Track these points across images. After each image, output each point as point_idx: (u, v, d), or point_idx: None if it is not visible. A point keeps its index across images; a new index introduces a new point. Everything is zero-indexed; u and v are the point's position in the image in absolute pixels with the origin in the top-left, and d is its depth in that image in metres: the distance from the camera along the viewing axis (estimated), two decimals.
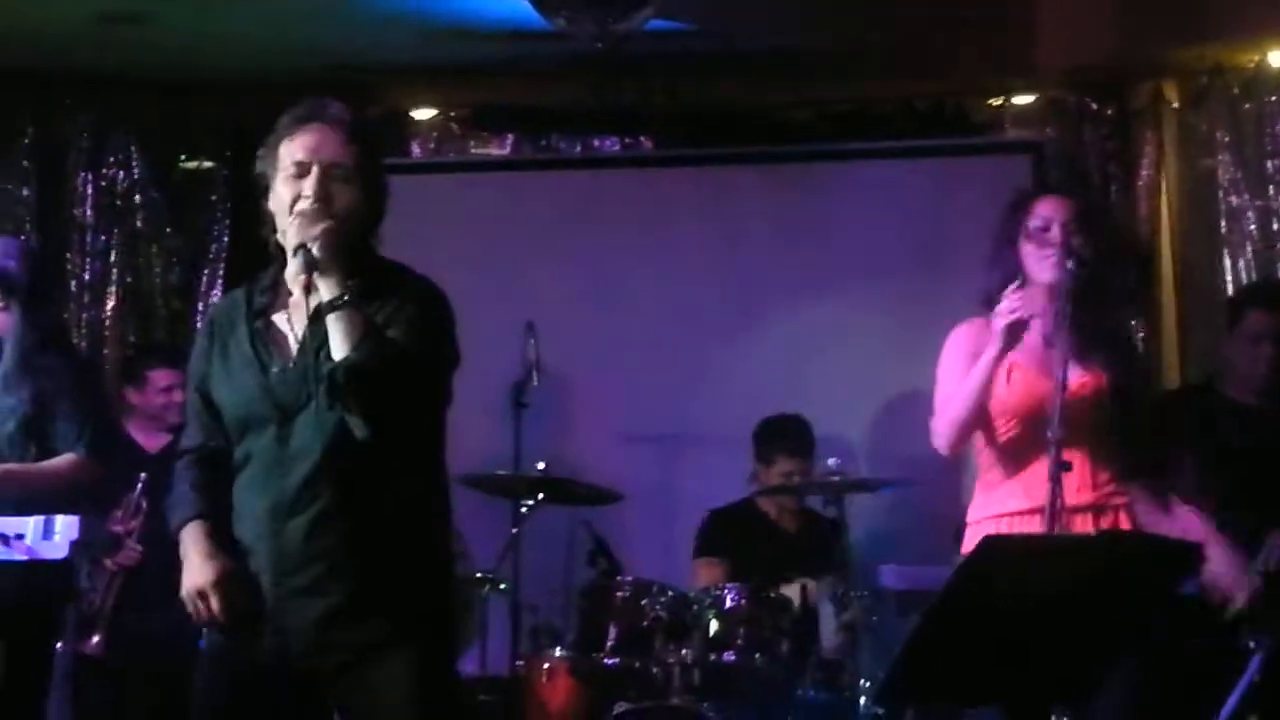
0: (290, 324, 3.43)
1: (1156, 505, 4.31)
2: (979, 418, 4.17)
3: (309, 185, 3.34)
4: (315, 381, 3.30)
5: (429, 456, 3.49)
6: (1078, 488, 4.06)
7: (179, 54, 7.05)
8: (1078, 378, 4.08)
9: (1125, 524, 4.12)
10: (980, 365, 4.11)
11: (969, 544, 4.04)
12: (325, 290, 3.28)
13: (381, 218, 3.47)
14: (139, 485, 5.69)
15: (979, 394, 4.13)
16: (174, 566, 3.44)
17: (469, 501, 5.76)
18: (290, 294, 3.42)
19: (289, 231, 3.32)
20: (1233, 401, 5.34)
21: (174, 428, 6.27)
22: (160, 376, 6.33)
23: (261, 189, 3.44)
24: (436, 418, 3.49)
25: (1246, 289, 6.63)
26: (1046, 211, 4.16)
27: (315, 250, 3.27)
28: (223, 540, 3.42)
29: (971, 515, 4.26)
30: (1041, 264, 4.15)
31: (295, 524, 3.33)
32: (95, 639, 5.58)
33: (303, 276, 3.28)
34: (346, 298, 3.26)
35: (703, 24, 6.66)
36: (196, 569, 3.39)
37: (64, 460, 4.49)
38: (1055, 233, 4.12)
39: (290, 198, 3.35)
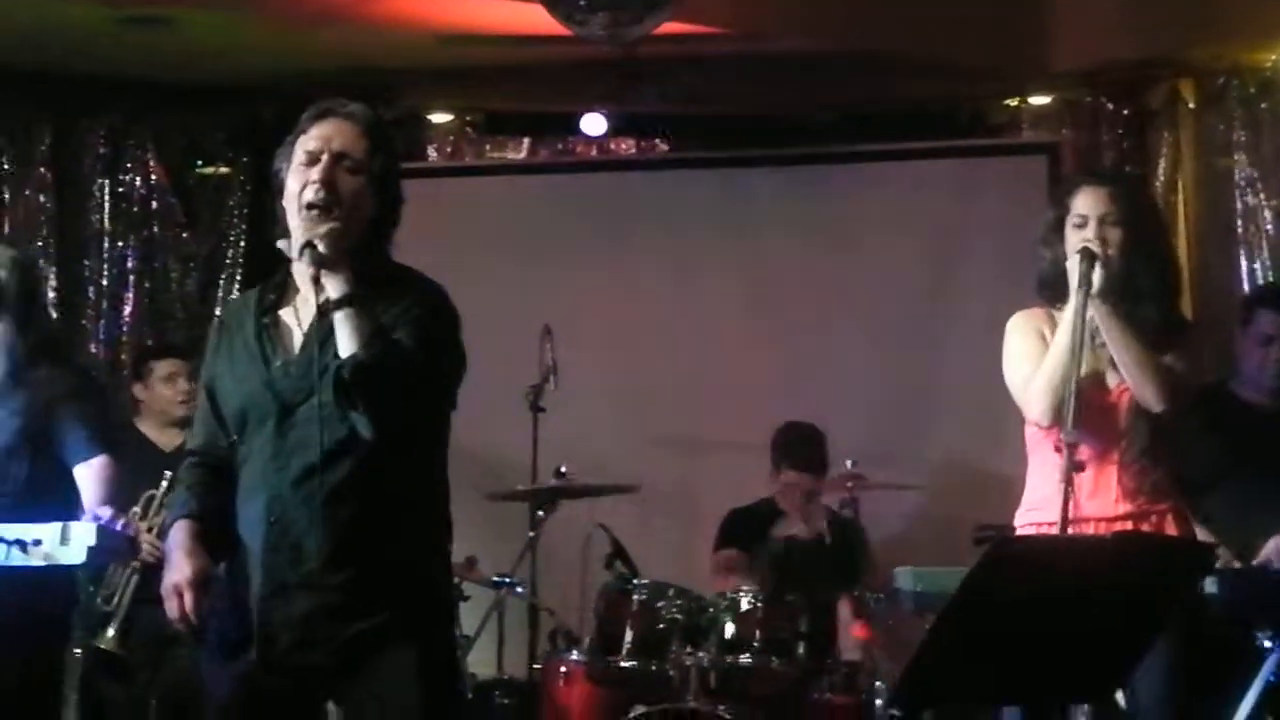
0: (297, 319, 3.44)
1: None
2: (1072, 379, 3.87)
3: (316, 171, 3.34)
4: (318, 376, 3.30)
5: (430, 456, 3.48)
6: (1115, 498, 4.00)
7: (196, 59, 7.07)
8: (1115, 383, 4.03)
9: (1170, 529, 4.04)
10: (1066, 318, 3.95)
11: None
12: (332, 288, 3.28)
13: (395, 222, 3.46)
14: (164, 483, 5.69)
15: (1069, 350, 3.89)
16: None
17: (485, 505, 5.78)
18: (298, 290, 3.43)
19: (297, 228, 3.33)
20: (1244, 401, 5.33)
21: (184, 422, 6.28)
22: (161, 366, 6.34)
23: (276, 187, 3.44)
24: (440, 420, 3.49)
25: (1257, 290, 6.63)
26: (1083, 206, 4.08)
27: (322, 247, 3.28)
28: (215, 540, 3.44)
29: (1019, 520, 4.18)
30: None
31: (292, 517, 3.34)
32: (111, 634, 5.60)
33: (310, 272, 3.29)
34: (353, 296, 3.27)
35: (720, 27, 6.66)
36: (176, 565, 3.40)
37: (94, 468, 4.50)
38: (1090, 229, 4.05)
39: (299, 186, 3.35)
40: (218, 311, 7.65)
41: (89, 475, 4.47)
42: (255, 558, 3.39)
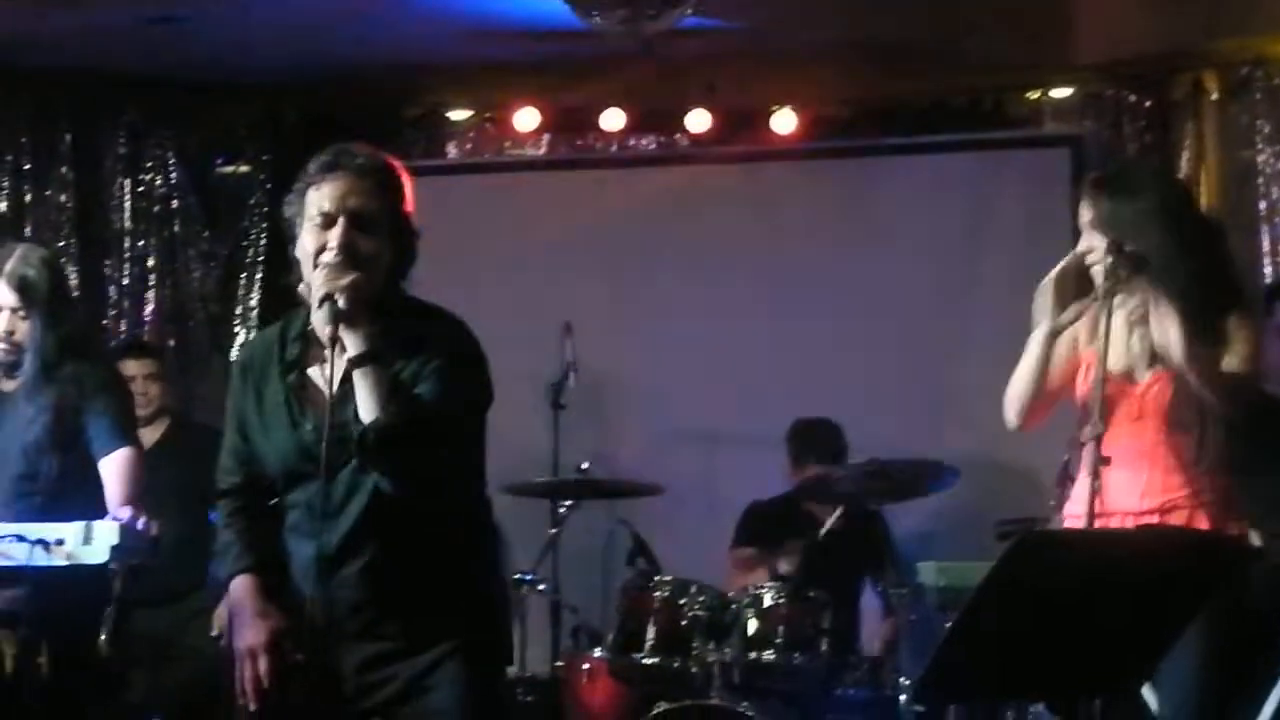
0: (325, 376, 3.36)
1: None
2: (1042, 399, 4.08)
3: (334, 237, 3.28)
4: (355, 439, 3.28)
5: (471, 495, 3.47)
6: (1142, 493, 3.97)
7: (216, 58, 7.08)
8: (1147, 376, 4.01)
9: (1202, 523, 4.01)
10: (1031, 341, 4.06)
11: None
12: (351, 345, 3.25)
13: (412, 261, 3.42)
14: None
15: (1034, 370, 4.05)
16: (172, 566, 3.44)
17: (507, 503, 5.76)
18: (321, 347, 3.37)
19: (315, 282, 3.28)
20: (1264, 394, 5.30)
21: (151, 421, 6.25)
22: (128, 366, 6.34)
23: (289, 235, 3.40)
24: (474, 455, 3.46)
25: (1276, 282, 6.59)
26: (1081, 207, 4.13)
27: (342, 302, 3.24)
28: (274, 590, 3.43)
29: (1069, 510, 4.16)
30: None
31: (343, 575, 3.32)
32: (102, 638, 5.60)
33: (328, 328, 3.25)
34: (372, 353, 3.24)
35: (740, 21, 6.65)
36: (249, 628, 3.38)
37: (116, 461, 4.52)
38: (1085, 225, 4.09)
39: (315, 248, 3.31)
40: (238, 310, 7.71)
41: (112, 468, 4.50)
42: (311, 604, 3.37)
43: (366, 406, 3.23)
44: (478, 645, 3.40)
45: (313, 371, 3.41)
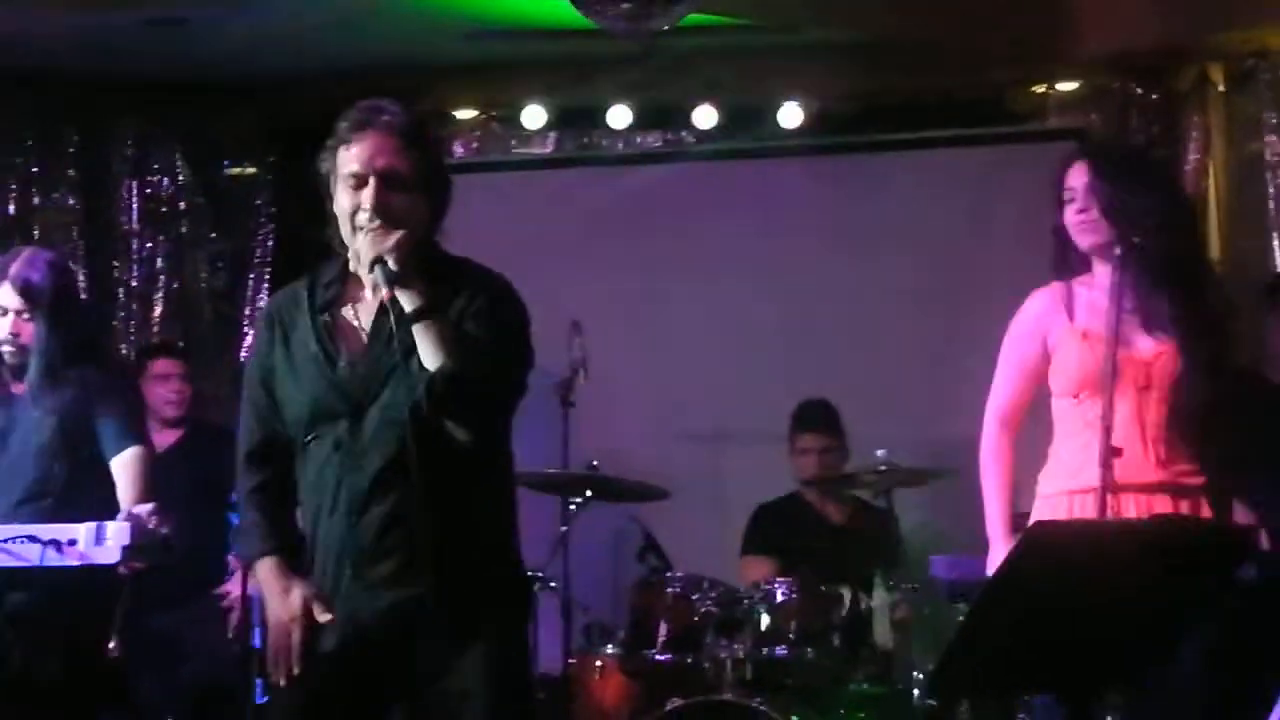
0: (358, 317, 3.44)
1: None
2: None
3: (367, 198, 3.33)
4: (387, 374, 3.33)
5: (501, 451, 3.51)
6: (1141, 466, 3.98)
7: (221, 59, 7.08)
8: (1151, 348, 4.03)
9: (1205, 511, 4.04)
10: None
11: (1038, 516, 4.04)
12: (407, 302, 3.30)
13: (444, 213, 3.48)
14: None
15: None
16: (187, 566, 3.44)
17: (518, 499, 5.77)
18: (357, 289, 3.44)
19: (361, 247, 3.33)
20: (1271, 385, 5.30)
21: (175, 423, 6.29)
22: (157, 365, 6.37)
23: (325, 191, 3.43)
24: (510, 414, 3.51)
25: None
26: (1071, 179, 4.14)
27: (392, 263, 3.29)
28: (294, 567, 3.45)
29: (1043, 487, 4.18)
30: (1076, 232, 4.12)
31: (370, 518, 3.34)
32: (112, 642, 5.61)
33: (384, 290, 3.29)
34: (430, 307, 3.30)
35: (745, 17, 6.65)
36: (279, 602, 3.40)
37: (126, 460, 4.52)
38: (1079, 200, 4.10)
39: (350, 208, 3.36)
40: (246, 310, 7.71)
41: (122, 468, 4.50)
42: (332, 551, 3.39)
43: (431, 356, 3.28)
44: (504, 619, 3.43)
45: (345, 311, 3.46)
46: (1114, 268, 3.98)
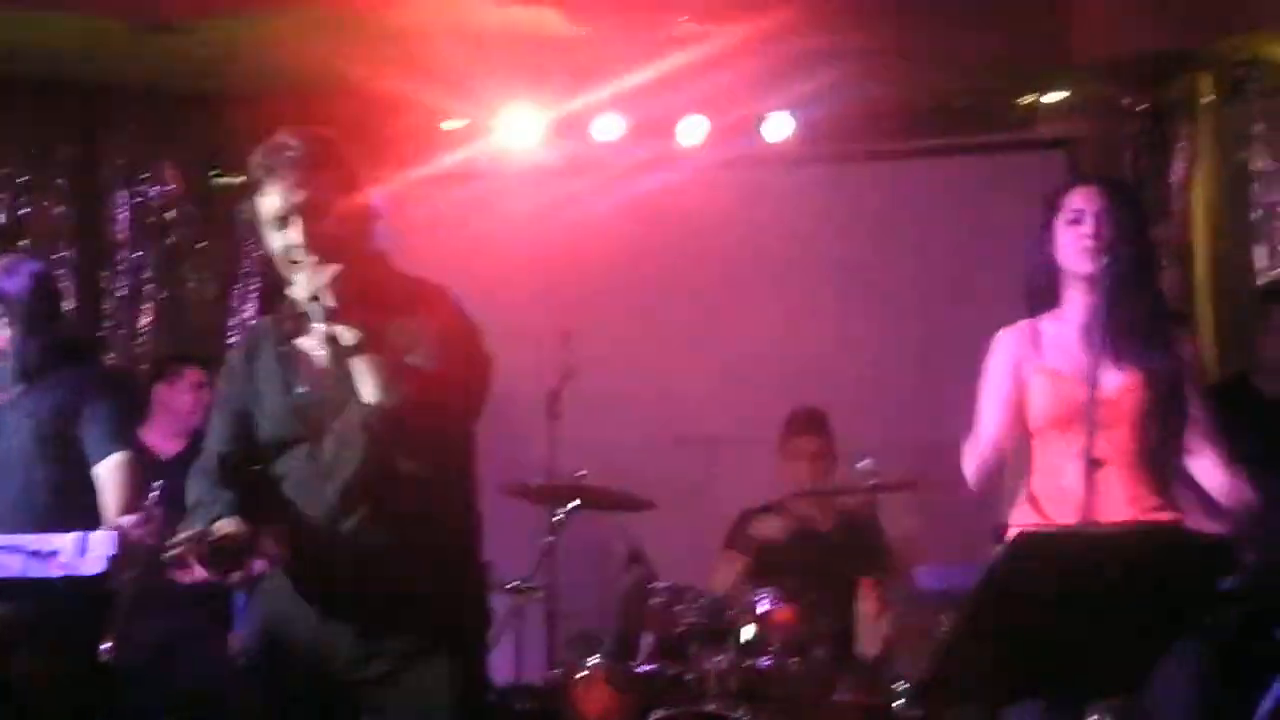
0: (316, 345, 3.46)
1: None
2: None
3: (294, 237, 3.36)
4: (343, 402, 3.36)
5: (461, 467, 3.53)
6: (1119, 502, 3.94)
7: (212, 67, 7.07)
8: (1117, 381, 3.98)
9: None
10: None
11: None
12: (346, 335, 3.32)
13: (375, 221, 3.49)
14: (154, 491, 5.69)
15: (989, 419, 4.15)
16: None
17: (504, 510, 5.73)
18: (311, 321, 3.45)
19: (298, 284, 3.35)
20: (1264, 397, 5.30)
21: (192, 432, 6.29)
22: (194, 374, 6.39)
23: (257, 236, 3.48)
24: (468, 434, 3.52)
25: (1272, 283, 6.55)
26: (1079, 202, 4.08)
27: (326, 300, 3.31)
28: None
29: (1019, 518, 4.16)
30: (1076, 256, 4.04)
31: (339, 532, 3.38)
32: (108, 644, 5.59)
33: (322, 328, 3.33)
34: (367, 340, 3.30)
35: (736, 27, 6.64)
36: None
37: (110, 467, 4.51)
38: (1088, 224, 4.04)
39: (280, 249, 3.40)
40: (234, 320, 7.70)
41: (106, 475, 4.49)
42: (308, 568, 3.44)
43: (369, 391, 3.30)
44: (462, 630, 3.47)
45: (303, 341, 3.48)
46: (1096, 298, 3.95)
